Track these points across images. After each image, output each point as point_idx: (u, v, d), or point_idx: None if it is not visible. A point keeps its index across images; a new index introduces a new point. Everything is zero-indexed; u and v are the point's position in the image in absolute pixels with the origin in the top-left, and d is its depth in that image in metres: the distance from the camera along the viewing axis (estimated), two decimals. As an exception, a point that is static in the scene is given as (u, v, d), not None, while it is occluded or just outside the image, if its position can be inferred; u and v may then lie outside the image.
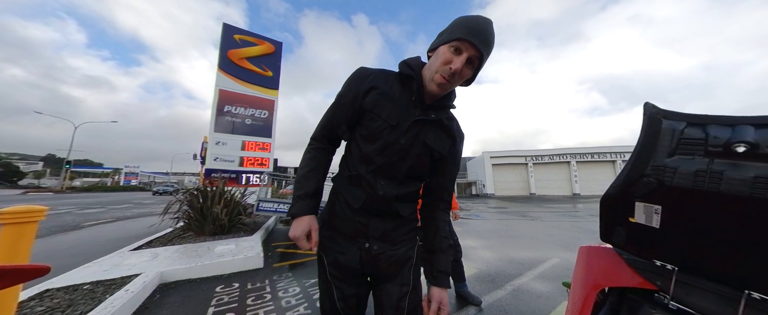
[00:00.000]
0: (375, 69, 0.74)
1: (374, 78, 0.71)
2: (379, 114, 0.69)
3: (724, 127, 0.58)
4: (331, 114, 0.75)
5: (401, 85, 0.71)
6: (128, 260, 2.80)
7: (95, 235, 4.83)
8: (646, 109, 0.71)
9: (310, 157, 0.76)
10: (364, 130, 0.71)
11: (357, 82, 0.72)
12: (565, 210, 9.44)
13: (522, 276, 2.65)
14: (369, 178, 0.69)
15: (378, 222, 0.71)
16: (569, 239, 4.42)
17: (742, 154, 0.54)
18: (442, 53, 0.65)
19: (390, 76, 0.73)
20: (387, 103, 0.69)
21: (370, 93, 0.70)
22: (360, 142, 0.72)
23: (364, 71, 0.73)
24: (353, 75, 0.74)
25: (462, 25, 0.63)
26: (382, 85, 0.71)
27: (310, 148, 0.78)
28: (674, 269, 0.69)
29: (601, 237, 0.86)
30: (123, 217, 7.44)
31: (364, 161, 0.70)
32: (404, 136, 0.69)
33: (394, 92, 0.70)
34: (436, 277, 0.72)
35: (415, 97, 0.70)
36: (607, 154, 21.59)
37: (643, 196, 0.70)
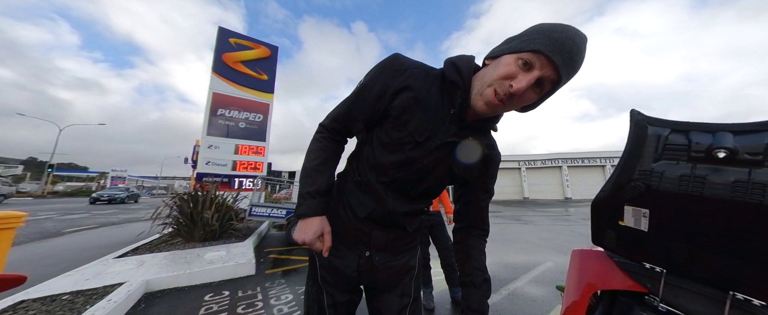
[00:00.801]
0: (413, 61, 0.59)
1: (411, 75, 0.57)
2: (406, 124, 0.56)
3: (705, 134, 0.61)
4: (348, 106, 0.63)
5: (440, 90, 0.57)
6: (112, 268, 2.69)
7: (77, 242, 4.62)
8: (633, 115, 0.73)
9: (320, 146, 0.66)
10: (384, 136, 0.60)
11: (389, 75, 0.57)
12: (557, 214, 9.59)
13: (517, 280, 2.66)
14: (379, 189, 0.62)
15: (381, 232, 0.65)
16: (562, 243, 4.47)
17: (723, 160, 0.57)
18: (504, 64, 0.49)
19: (430, 76, 0.58)
20: (419, 111, 0.56)
21: (402, 93, 0.56)
22: (376, 147, 0.61)
23: (399, 62, 0.58)
24: (385, 64, 0.58)
25: (543, 34, 0.46)
26: (420, 86, 0.56)
27: (319, 136, 0.67)
28: (663, 272, 0.70)
29: (592, 240, 0.87)
30: (108, 223, 7.15)
31: (377, 170, 0.62)
32: (429, 156, 0.58)
33: (430, 99, 0.56)
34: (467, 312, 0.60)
35: (455, 111, 0.56)
36: (597, 160, 22.16)
37: (631, 200, 0.72)
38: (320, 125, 0.68)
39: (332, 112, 0.67)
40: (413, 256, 0.72)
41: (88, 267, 2.73)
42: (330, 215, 0.66)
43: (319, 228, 0.59)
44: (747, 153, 0.54)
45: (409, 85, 0.56)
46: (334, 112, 0.67)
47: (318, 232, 0.59)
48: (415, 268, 0.72)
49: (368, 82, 0.59)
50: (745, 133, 0.56)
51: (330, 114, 0.67)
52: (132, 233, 5.12)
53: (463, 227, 0.71)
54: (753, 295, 0.57)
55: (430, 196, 0.68)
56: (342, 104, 0.65)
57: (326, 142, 0.67)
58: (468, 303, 0.61)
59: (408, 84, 0.56)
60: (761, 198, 0.52)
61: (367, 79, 0.60)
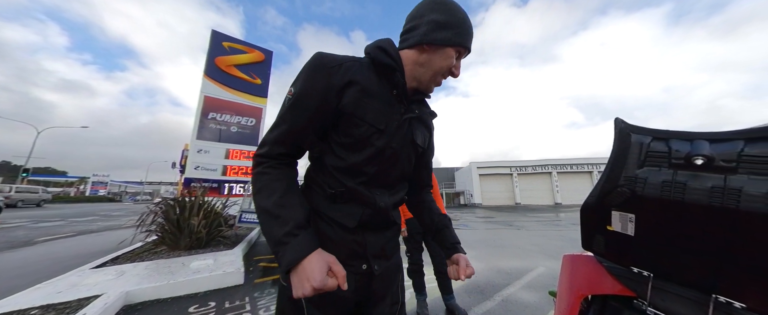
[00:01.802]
0: (342, 56, 0.57)
1: (348, 69, 0.56)
2: (363, 117, 0.55)
3: (684, 142, 0.64)
4: (291, 121, 0.55)
5: (378, 76, 0.59)
6: (88, 279, 2.53)
7: (51, 252, 4.33)
8: (617, 123, 0.77)
9: (271, 178, 0.54)
10: (345, 138, 0.57)
11: (325, 75, 0.54)
12: (548, 219, 9.75)
13: (510, 286, 2.66)
14: (363, 191, 0.58)
15: (375, 237, 0.62)
16: (554, 248, 4.54)
17: (701, 166, 0.60)
18: (449, 56, 0.58)
19: (363, 66, 0.58)
20: (370, 101, 0.56)
21: (349, 90, 0.55)
22: (340, 152, 0.58)
23: (329, 59, 0.55)
24: (315, 65, 0.54)
25: (468, 29, 0.58)
26: (361, 77, 0.56)
27: (264, 168, 0.55)
28: (650, 276, 0.72)
29: (582, 245, 0.89)
30: (86, 231, 6.76)
31: (352, 174, 0.58)
32: (394, 138, 0.60)
33: (374, 86, 0.57)
34: (453, 247, 0.71)
35: (397, 92, 0.59)
36: (585, 166, 22.87)
37: (618, 206, 0.74)
38: (259, 157, 0.56)
39: (271, 136, 0.56)
40: (398, 254, 0.71)
41: (61, 279, 2.56)
42: None
43: (323, 263, 0.47)
44: (722, 160, 0.58)
45: (351, 80, 0.55)
46: (273, 135, 0.56)
47: (324, 268, 0.47)
48: (402, 268, 0.72)
49: (304, 89, 0.54)
50: (719, 141, 0.60)
51: (268, 139, 0.56)
52: (112, 242, 4.86)
53: (414, 189, 0.78)
54: (734, 297, 0.59)
55: (406, 179, 0.71)
56: (280, 123, 0.56)
57: (277, 171, 0.55)
58: (449, 240, 0.72)
59: (350, 78, 0.55)
60: (736, 203, 0.54)
61: (300, 86, 0.54)
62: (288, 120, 0.55)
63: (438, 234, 0.74)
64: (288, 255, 0.47)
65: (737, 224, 0.55)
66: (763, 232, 0.53)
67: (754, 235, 0.54)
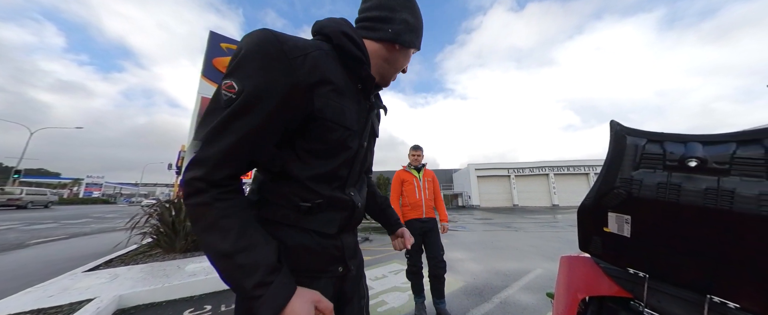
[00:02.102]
0: (302, 41, 0.45)
1: (317, 62, 0.45)
2: (342, 121, 0.49)
3: (678, 144, 0.65)
4: (238, 130, 0.40)
5: (343, 68, 0.52)
6: (80, 283, 2.48)
7: (43, 255, 4.25)
8: (612, 126, 0.78)
9: (222, 212, 0.40)
10: (319, 145, 0.49)
11: (286, 68, 0.41)
12: (546, 221, 9.80)
13: (508, 288, 2.66)
14: (341, 196, 0.54)
15: (349, 236, 0.61)
16: (551, 249, 4.55)
17: (694, 168, 0.61)
18: (409, 57, 0.62)
19: (329, 57, 0.48)
20: (345, 102, 0.50)
21: (321, 89, 0.45)
22: (310, 160, 0.49)
23: (289, 46, 0.42)
24: (268, 52, 0.41)
25: (421, 33, 0.62)
26: (332, 74, 0.48)
27: (208, 196, 0.40)
28: (646, 277, 0.73)
29: (579, 247, 0.90)
30: (79, 234, 6.65)
31: (327, 181, 0.52)
32: (363, 136, 0.58)
33: (342, 82, 0.50)
34: (397, 222, 0.84)
35: (362, 86, 0.55)
36: (581, 167, 23.06)
37: (614, 207, 0.75)
38: (196, 181, 0.39)
39: (210, 152, 0.39)
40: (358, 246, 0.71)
41: (53, 282, 2.51)
42: (284, 250, 0.47)
43: (308, 305, 0.41)
44: (715, 162, 0.58)
45: (322, 78, 0.45)
46: (213, 150, 0.39)
47: (311, 310, 0.41)
48: (363, 262, 0.70)
49: (258, 88, 0.40)
50: (712, 143, 0.61)
51: (206, 156, 0.40)
52: (106, 244, 4.79)
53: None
54: (728, 297, 0.59)
55: (370, 170, 0.75)
56: (221, 133, 0.40)
57: (225, 203, 0.41)
58: (393, 219, 0.84)
59: (320, 76, 0.45)
60: (730, 204, 0.55)
61: (251, 82, 0.40)
62: (235, 129, 0.40)
63: (382, 213, 0.84)
64: (265, 310, 0.38)
65: (731, 225, 0.56)
66: (755, 233, 0.53)
67: (748, 236, 0.55)
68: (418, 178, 2.24)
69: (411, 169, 2.30)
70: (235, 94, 0.40)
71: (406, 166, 2.34)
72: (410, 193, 2.19)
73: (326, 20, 0.53)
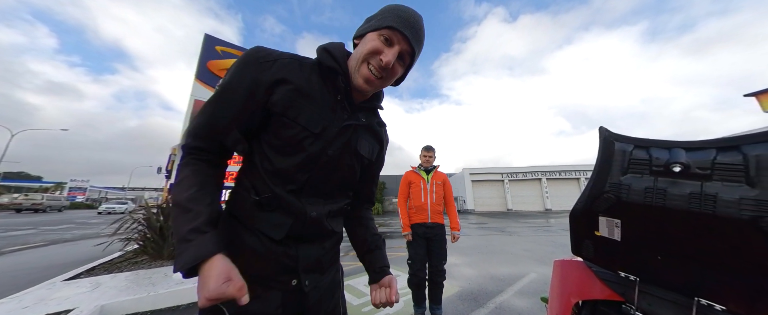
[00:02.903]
0: (282, 52, 0.54)
1: (283, 66, 0.52)
2: (295, 119, 0.51)
3: (663, 150, 0.68)
4: (210, 114, 0.50)
5: (321, 79, 0.55)
6: (59, 292, 2.35)
7: (20, 263, 4.03)
8: (601, 132, 0.80)
9: (189, 172, 0.49)
10: (275, 139, 0.52)
11: (255, 69, 0.50)
12: (539, 225, 9.91)
13: (503, 293, 2.66)
14: (291, 200, 0.53)
15: (309, 249, 0.56)
16: (545, 254, 4.59)
17: (679, 173, 0.63)
18: (369, 40, 0.54)
19: (305, 66, 0.54)
20: (306, 102, 0.52)
21: (279, 88, 0.51)
22: (269, 154, 0.53)
23: (265, 53, 0.52)
24: (249, 57, 0.51)
25: (393, 14, 0.54)
26: (297, 77, 0.52)
27: (186, 160, 0.50)
28: (636, 280, 0.74)
29: (572, 251, 0.91)
30: (60, 240, 6.34)
31: (280, 179, 0.52)
32: (331, 145, 0.55)
33: (313, 88, 0.53)
34: (382, 270, 0.67)
35: (341, 97, 0.56)
36: (572, 172, 23.54)
37: (605, 211, 0.77)
38: (184, 147, 0.51)
39: (190, 127, 0.51)
40: (338, 270, 0.66)
41: (29, 292, 2.37)
42: (234, 251, 0.49)
43: (224, 268, 0.42)
44: (698, 168, 0.61)
45: (284, 78, 0.51)
46: (191, 125, 0.51)
47: (226, 274, 0.41)
48: (340, 284, 0.65)
49: (231, 81, 0.50)
50: (694, 149, 0.63)
51: (188, 129, 0.52)
52: (88, 251, 4.58)
53: (356, 204, 0.73)
54: (715, 300, 0.61)
55: (348, 188, 0.65)
56: (201, 114, 0.51)
57: (196, 166, 0.50)
58: (380, 263, 0.68)
59: (282, 76, 0.51)
60: (712, 208, 0.57)
61: (229, 77, 0.51)
62: (207, 112, 0.51)
63: (368, 254, 0.69)
64: (187, 253, 0.41)
65: (714, 229, 0.58)
66: (737, 237, 0.55)
67: (730, 240, 0.57)
68: (427, 180, 2.12)
69: (420, 170, 2.18)
70: (219, 86, 0.52)
71: (415, 167, 2.22)
72: (416, 195, 2.09)
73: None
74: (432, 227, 2.00)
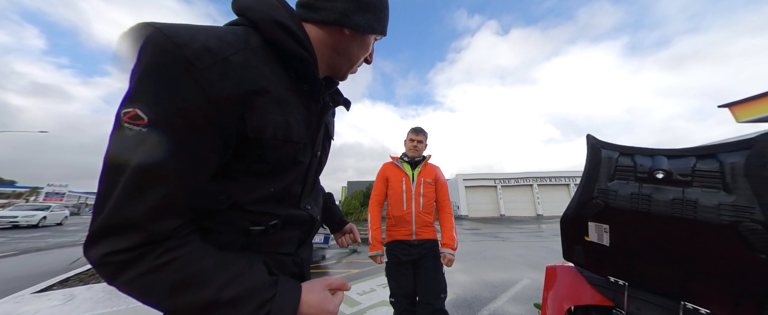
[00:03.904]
0: (215, 39, 0.33)
1: (242, 67, 0.34)
2: (288, 137, 0.40)
3: (646, 157, 0.70)
4: (173, 171, 0.30)
5: (280, 66, 0.40)
6: (28, 306, 2.19)
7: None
8: (589, 140, 0.83)
9: (186, 260, 0.31)
10: (260, 166, 0.40)
11: (196, 85, 0.30)
12: (531, 230, 10.03)
13: (497, 299, 2.65)
14: (298, 214, 0.49)
15: (306, 249, 0.57)
16: (537, 259, 4.63)
17: (662, 180, 0.66)
18: (368, 45, 0.50)
19: (258, 55, 0.37)
20: (290, 111, 0.40)
21: (256, 102, 0.36)
22: (252, 182, 0.40)
23: (192, 50, 0.30)
24: (168, 66, 0.29)
25: (388, 11, 0.50)
26: (269, 81, 0.37)
27: (171, 246, 0.30)
28: (625, 285, 0.75)
29: (563, 256, 0.92)
30: (32, 249, 5.95)
31: (279, 201, 0.44)
32: (316, 144, 0.50)
33: (280, 87, 0.39)
34: (341, 221, 0.79)
35: (308, 87, 0.44)
36: (562, 178, 24.12)
37: (594, 217, 0.78)
38: (131, 251, 0.28)
39: (142, 209, 0.28)
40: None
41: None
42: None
43: (321, 290, 0.39)
44: (679, 174, 0.64)
45: (257, 88, 0.35)
46: (146, 206, 0.28)
47: (327, 295, 0.40)
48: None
49: (170, 115, 0.29)
50: (675, 157, 0.66)
51: (136, 216, 0.28)
52: (63, 261, 4.30)
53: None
54: (700, 304, 0.63)
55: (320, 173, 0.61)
56: (149, 182, 0.29)
57: (186, 248, 0.31)
58: (339, 215, 0.78)
59: (251, 86, 0.35)
60: (693, 214, 0.60)
61: (159, 109, 0.29)
62: (167, 171, 0.29)
63: (325, 212, 0.76)
64: (284, 309, 0.34)
65: (696, 233, 0.60)
66: (718, 241, 0.58)
67: (711, 244, 0.59)
68: (411, 176, 1.45)
69: (402, 162, 1.49)
70: (144, 126, 0.29)
71: (397, 158, 1.55)
72: (395, 200, 1.42)
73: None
74: (418, 246, 1.36)
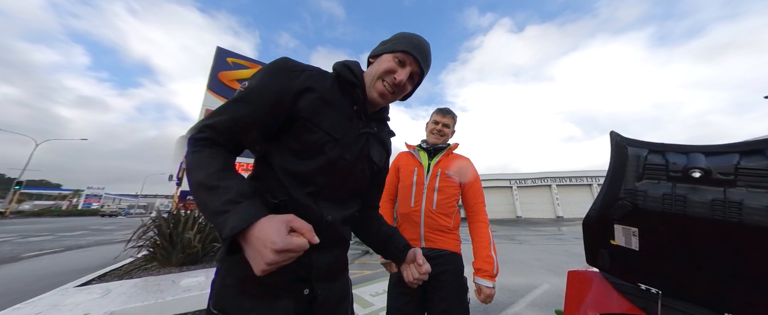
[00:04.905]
0: (306, 64, 0.58)
1: (310, 77, 0.56)
2: (320, 124, 0.55)
3: (680, 155, 0.65)
4: (233, 113, 0.51)
5: (341, 91, 0.61)
6: (71, 299, 2.40)
7: (36, 269, 4.15)
8: (613, 137, 0.78)
9: (208, 154, 0.47)
10: (296, 143, 0.54)
11: (285, 77, 0.54)
12: (550, 233, 9.56)
13: (515, 305, 2.55)
14: (309, 203, 0.53)
15: (321, 255, 0.55)
16: (558, 263, 4.40)
17: (699, 179, 0.60)
18: (385, 61, 0.61)
19: (327, 78, 0.59)
20: (329, 110, 0.57)
21: (306, 95, 0.55)
22: (289, 157, 0.54)
23: (293, 63, 0.56)
24: (278, 66, 0.55)
25: (407, 39, 0.63)
26: (322, 87, 0.57)
27: (201, 145, 0.48)
28: (659, 293, 0.70)
29: (587, 261, 0.87)
30: (74, 246, 6.53)
31: (299, 183, 0.54)
32: (349, 150, 0.59)
33: (335, 98, 0.59)
34: (405, 248, 0.68)
35: (357, 107, 0.62)
36: (584, 178, 22.83)
37: (620, 219, 0.73)
38: (193, 139, 0.49)
39: (207, 121, 0.50)
40: (347, 280, 0.65)
41: (42, 298, 2.43)
42: (244, 260, 0.44)
43: (280, 223, 0.39)
44: (720, 173, 0.58)
45: (311, 87, 0.55)
46: (210, 121, 0.50)
47: (282, 228, 0.38)
48: (350, 296, 0.65)
49: (260, 86, 0.52)
50: (715, 154, 0.60)
51: (204, 123, 0.50)
52: (101, 257, 4.69)
53: (364, 208, 0.73)
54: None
55: (358, 194, 0.68)
56: (220, 112, 0.51)
57: (213, 150, 0.48)
58: (402, 242, 0.69)
59: (309, 85, 0.55)
60: (738, 216, 0.54)
61: (257, 82, 0.53)
62: (229, 111, 0.51)
63: (387, 241, 0.70)
64: (231, 221, 0.38)
65: (741, 238, 0.54)
66: (766, 247, 0.52)
67: (759, 250, 0.53)
68: (426, 167, 1.15)
69: (418, 150, 1.21)
70: (242, 90, 0.54)
71: (413, 146, 1.26)
72: (403, 194, 1.15)
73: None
74: (431, 259, 0.96)
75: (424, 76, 0.67)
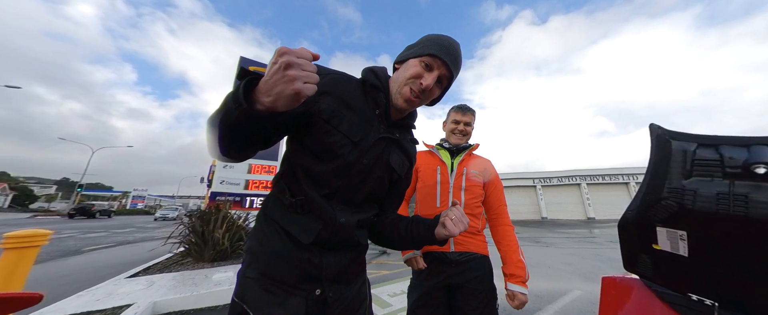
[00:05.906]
0: (331, 69, 0.60)
1: (332, 80, 0.57)
2: (338, 126, 0.55)
3: (738, 148, 0.57)
4: None
5: (364, 95, 0.61)
6: (122, 288, 2.69)
7: (94, 261, 4.73)
8: (653, 130, 0.70)
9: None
10: (315, 145, 0.55)
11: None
12: (580, 235, 8.88)
13: (542, 311, 2.40)
14: (323, 204, 0.55)
15: (333, 257, 0.56)
16: (590, 269, 4.07)
17: (764, 176, 0.52)
18: (411, 66, 0.59)
19: (351, 83, 0.60)
20: (348, 113, 0.57)
21: (327, 97, 0.55)
22: (308, 158, 0.56)
23: (319, 67, 0.54)
24: None
25: (434, 42, 0.60)
26: (343, 90, 0.58)
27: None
28: (715, 305, 0.61)
29: (624, 266, 0.79)
30: (124, 242, 7.34)
31: (316, 183, 0.55)
32: (367, 154, 0.58)
33: (357, 102, 0.58)
34: (436, 218, 0.63)
35: (380, 112, 0.61)
36: (620, 176, 20.89)
37: (664, 221, 0.66)
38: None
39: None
40: (364, 283, 0.65)
41: (99, 287, 2.75)
42: (261, 254, 0.54)
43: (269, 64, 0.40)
44: (792, 168, 0.50)
45: (331, 90, 0.56)
46: None
47: (271, 62, 0.40)
48: (367, 298, 0.64)
49: None
50: (785, 146, 0.52)
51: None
52: (145, 252, 5.21)
53: (382, 213, 0.71)
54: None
55: (375, 201, 0.66)
56: None
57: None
58: (432, 223, 0.62)
59: (331, 88, 0.56)
60: (820, 219, 0.46)
61: None
62: None
63: (415, 225, 0.64)
64: (234, 89, 0.40)
65: (824, 245, 0.46)
66: None
67: None
68: (449, 166, 1.09)
69: (439, 149, 1.15)
70: None
71: (432, 146, 1.18)
72: (426, 195, 1.08)
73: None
74: (460, 264, 0.98)
75: (453, 80, 0.63)
